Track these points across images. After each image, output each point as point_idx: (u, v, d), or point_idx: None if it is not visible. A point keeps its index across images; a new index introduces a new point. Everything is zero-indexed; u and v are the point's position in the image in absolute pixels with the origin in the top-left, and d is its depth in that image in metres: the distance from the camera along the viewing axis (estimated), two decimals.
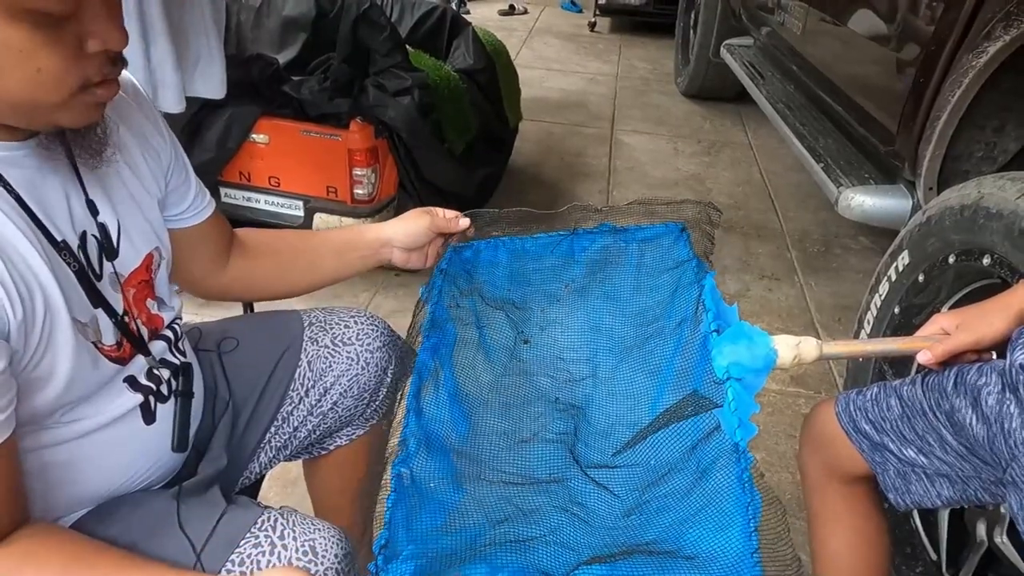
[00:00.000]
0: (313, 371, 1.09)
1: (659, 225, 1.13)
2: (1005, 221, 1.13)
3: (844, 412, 0.99)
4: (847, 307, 2.45)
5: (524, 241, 1.15)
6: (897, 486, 0.93)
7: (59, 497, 0.81)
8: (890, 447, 0.93)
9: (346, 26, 2.07)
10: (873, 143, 2.03)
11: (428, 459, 0.85)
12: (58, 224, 0.76)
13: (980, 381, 0.84)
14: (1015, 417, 0.78)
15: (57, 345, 0.73)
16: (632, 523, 0.85)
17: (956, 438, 0.87)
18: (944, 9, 1.60)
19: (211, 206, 1.03)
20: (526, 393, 1.05)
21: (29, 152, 0.74)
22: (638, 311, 1.09)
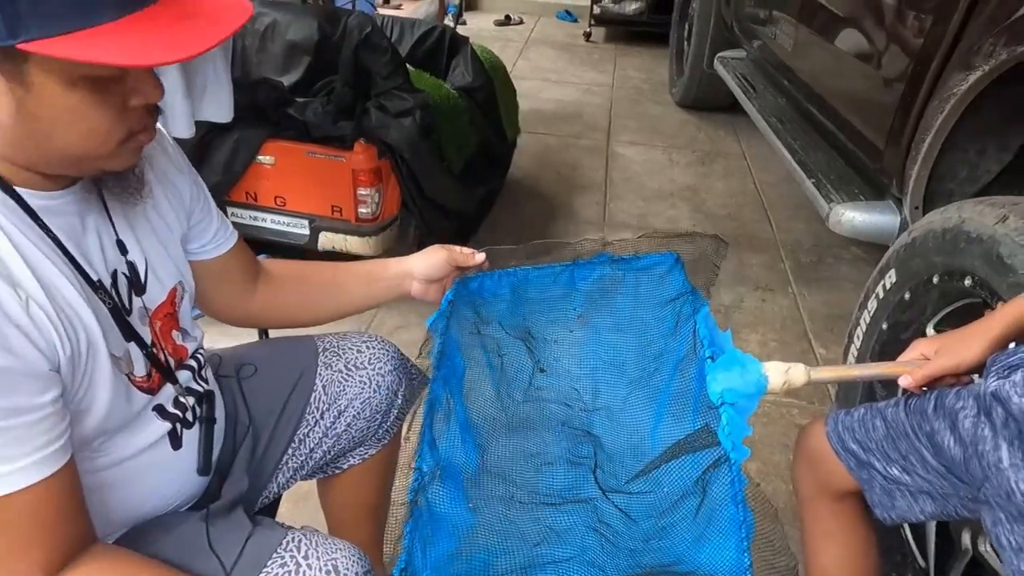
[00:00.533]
0: (328, 395, 1.14)
1: (655, 255, 1.19)
2: (984, 246, 1.19)
3: (833, 432, 1.04)
4: (839, 316, 2.51)
5: (527, 272, 1.21)
6: (883, 502, 0.99)
7: (95, 521, 0.86)
8: (876, 466, 0.98)
9: (348, 50, 2.13)
10: (862, 159, 2.09)
11: (443, 489, 0.90)
12: (94, 265, 0.82)
13: (958, 405, 0.90)
14: (988, 440, 0.83)
15: (97, 379, 0.79)
16: (652, 547, 0.91)
17: (936, 459, 0.93)
18: (928, 33, 1.66)
19: (234, 237, 1.08)
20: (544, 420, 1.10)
21: (68, 200, 0.80)
22: (642, 344, 1.14)
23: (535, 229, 2.96)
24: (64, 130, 0.70)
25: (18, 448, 0.69)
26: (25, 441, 0.69)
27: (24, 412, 0.68)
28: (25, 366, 0.69)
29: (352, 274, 1.18)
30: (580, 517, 0.97)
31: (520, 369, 1.15)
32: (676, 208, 3.24)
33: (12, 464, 0.68)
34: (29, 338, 0.70)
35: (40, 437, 0.70)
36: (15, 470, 0.69)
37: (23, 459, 0.69)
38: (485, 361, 1.13)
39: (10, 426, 0.68)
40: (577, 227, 3.02)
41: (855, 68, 2.11)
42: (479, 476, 1.05)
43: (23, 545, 0.71)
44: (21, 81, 0.67)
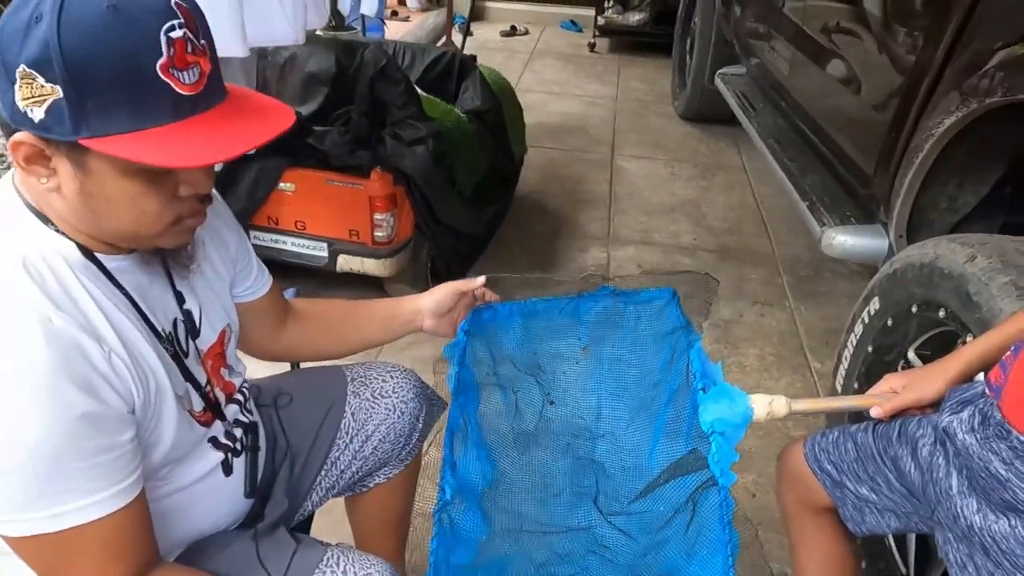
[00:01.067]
0: (356, 421, 1.26)
1: (653, 290, 1.30)
2: (955, 282, 1.30)
3: (810, 453, 1.16)
4: (835, 331, 2.61)
5: (536, 303, 1.32)
6: (854, 517, 1.11)
7: (159, 542, 0.97)
8: (848, 485, 1.10)
9: (364, 82, 2.25)
10: (853, 184, 2.20)
11: (462, 508, 1.02)
12: (158, 316, 0.93)
13: (918, 433, 1.01)
14: (942, 468, 0.95)
15: (164, 416, 0.90)
16: (649, 561, 1.03)
17: (899, 481, 1.04)
18: (911, 70, 1.77)
19: (269, 282, 1.20)
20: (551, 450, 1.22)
21: (135, 261, 0.91)
22: (640, 375, 1.26)
23: (541, 246, 3.08)
24: (119, 212, 0.81)
25: (99, 482, 0.79)
26: (106, 476, 0.79)
27: (107, 451, 0.79)
28: (109, 410, 0.79)
29: (371, 314, 1.30)
30: (581, 543, 1.09)
31: (531, 403, 1.26)
32: (678, 223, 3.35)
33: (93, 496, 0.78)
34: (112, 386, 0.80)
35: (118, 473, 0.81)
36: (95, 502, 0.79)
37: (103, 492, 0.79)
38: (499, 396, 1.24)
39: (96, 463, 0.78)
40: (583, 243, 3.14)
41: (845, 96, 2.22)
42: (494, 497, 1.17)
43: (98, 570, 0.81)
44: (83, 168, 0.77)
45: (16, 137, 0.75)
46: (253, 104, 0.85)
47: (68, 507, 0.77)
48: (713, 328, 2.63)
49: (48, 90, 0.72)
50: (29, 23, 0.71)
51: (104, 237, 0.85)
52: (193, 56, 0.76)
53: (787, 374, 2.44)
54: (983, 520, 0.88)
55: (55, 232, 0.82)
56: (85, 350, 0.78)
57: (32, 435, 0.73)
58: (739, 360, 2.50)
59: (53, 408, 0.73)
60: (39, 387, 0.73)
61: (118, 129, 0.74)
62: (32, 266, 0.79)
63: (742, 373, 2.44)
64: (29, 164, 0.77)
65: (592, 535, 1.10)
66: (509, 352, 1.28)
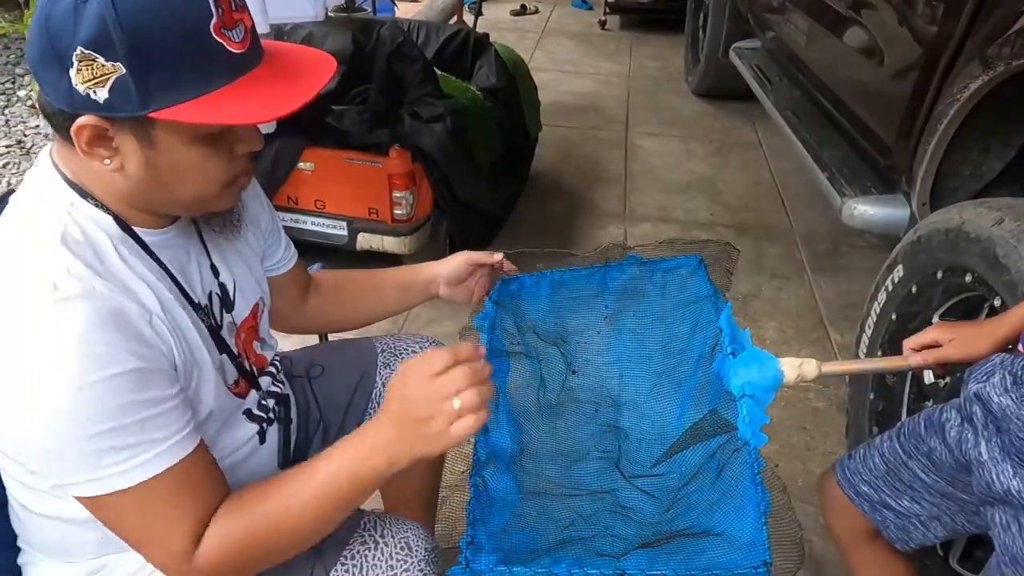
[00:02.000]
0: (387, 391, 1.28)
1: (679, 258, 1.30)
2: (982, 245, 1.30)
3: (843, 479, 1.17)
4: (854, 304, 2.61)
5: (563, 273, 1.33)
6: (900, 537, 1.12)
7: None
8: (888, 502, 1.10)
9: (381, 60, 2.25)
10: (873, 155, 2.18)
11: (495, 471, 1.04)
12: (195, 289, 0.94)
13: (943, 418, 1.01)
14: (970, 440, 0.95)
15: (203, 385, 0.91)
16: (671, 516, 1.04)
17: (937, 478, 1.04)
18: (935, 36, 1.75)
19: (295, 257, 1.22)
20: (576, 416, 1.23)
21: (173, 235, 0.92)
22: (665, 342, 1.27)
23: (558, 224, 3.08)
24: (184, 179, 0.83)
25: (159, 432, 0.80)
26: (164, 427, 0.80)
27: (160, 403, 0.80)
28: (155, 365, 0.81)
29: (388, 282, 1.31)
30: (604, 505, 1.10)
31: (554, 373, 1.27)
32: (694, 200, 3.34)
33: (157, 448, 0.79)
34: (155, 347, 0.82)
35: (175, 423, 0.82)
36: (159, 453, 0.80)
37: (165, 442, 0.80)
38: (525, 365, 1.26)
39: (152, 415, 0.79)
40: (600, 221, 3.14)
41: (864, 66, 2.20)
42: (521, 461, 1.18)
43: (177, 515, 0.82)
44: (150, 142, 0.78)
45: (79, 122, 0.75)
46: (292, 55, 0.86)
47: (139, 459, 0.78)
48: (732, 301, 2.61)
49: (110, 68, 0.72)
50: (76, 5, 0.71)
51: (159, 209, 0.87)
52: (237, 13, 0.78)
53: (807, 347, 2.44)
54: (1021, 483, 0.88)
55: (94, 206, 0.83)
56: (127, 314, 0.79)
57: (89, 396, 0.74)
58: (758, 334, 2.50)
59: (105, 368, 0.75)
60: (89, 350, 0.75)
61: (184, 96, 0.75)
62: (71, 239, 0.80)
63: (762, 347, 2.43)
64: (92, 147, 0.77)
65: (615, 497, 1.12)
66: (535, 322, 1.29)
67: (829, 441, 2.05)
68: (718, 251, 1.31)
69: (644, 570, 0.85)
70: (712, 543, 0.93)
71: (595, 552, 0.99)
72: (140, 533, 0.83)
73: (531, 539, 1.05)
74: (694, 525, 0.98)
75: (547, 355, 1.28)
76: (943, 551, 1.47)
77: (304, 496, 0.85)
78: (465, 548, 0.91)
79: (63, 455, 0.76)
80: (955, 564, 1.42)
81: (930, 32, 1.76)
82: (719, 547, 0.92)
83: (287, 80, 0.82)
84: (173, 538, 0.82)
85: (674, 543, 0.96)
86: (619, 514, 1.07)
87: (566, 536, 1.05)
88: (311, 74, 0.84)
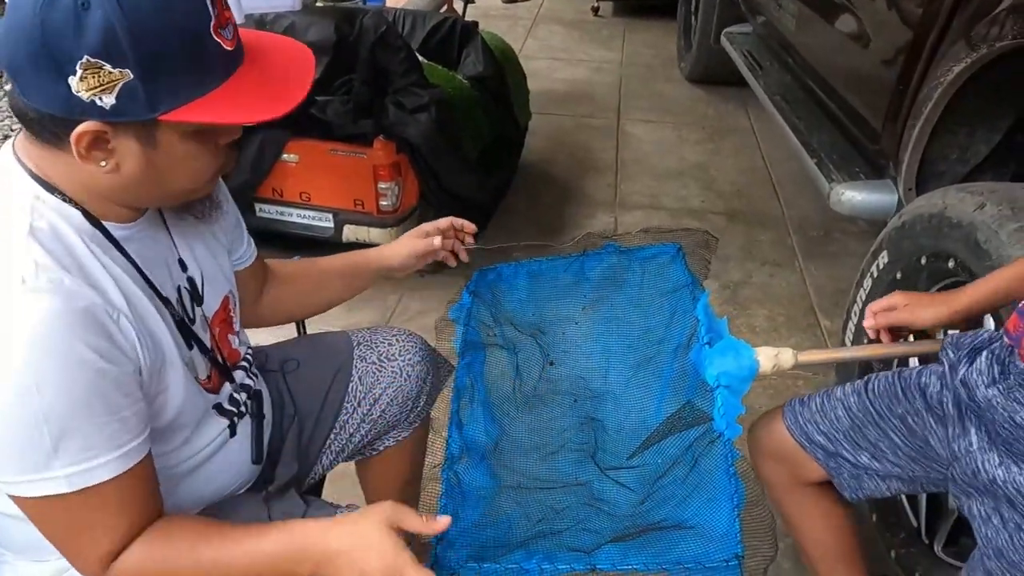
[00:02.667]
0: (364, 384, 1.27)
1: (657, 246, 1.29)
2: (964, 231, 1.28)
3: (795, 425, 1.13)
4: (845, 290, 2.56)
5: (540, 263, 1.32)
6: (851, 485, 1.10)
7: (172, 507, 0.98)
8: (844, 455, 1.08)
9: (365, 50, 2.23)
10: (862, 140, 2.17)
11: (469, 464, 1.03)
12: (163, 283, 0.93)
13: (922, 382, 1.00)
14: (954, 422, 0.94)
15: (171, 382, 0.90)
16: (645, 508, 1.03)
17: (909, 441, 1.03)
18: (920, 20, 1.73)
19: (255, 254, 1.21)
20: (553, 408, 1.23)
21: (140, 228, 0.91)
22: (643, 331, 1.25)
23: (548, 213, 3.06)
24: (179, 175, 0.84)
25: (112, 441, 0.79)
26: (117, 436, 0.80)
27: (118, 410, 0.80)
28: (118, 371, 0.80)
29: (332, 270, 1.30)
30: (577, 497, 1.10)
31: (531, 364, 1.26)
32: (687, 187, 3.32)
33: (106, 456, 0.79)
34: (120, 347, 0.81)
35: (128, 432, 0.81)
36: (107, 461, 0.79)
37: (115, 451, 0.80)
38: (503, 357, 1.25)
39: (107, 422, 0.78)
40: (590, 210, 3.12)
41: (853, 51, 2.18)
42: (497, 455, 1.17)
43: (107, 526, 0.82)
44: (152, 142, 0.79)
45: (82, 128, 0.75)
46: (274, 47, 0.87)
47: (81, 467, 0.78)
48: (723, 290, 2.62)
49: (117, 75, 0.72)
50: (76, 12, 0.70)
51: (147, 202, 0.88)
52: (227, 12, 0.80)
53: (797, 334, 2.43)
54: (1007, 473, 0.87)
55: (61, 200, 0.82)
56: (94, 312, 0.79)
57: (47, 393, 0.74)
58: (749, 321, 2.49)
59: (66, 367, 0.74)
60: (52, 347, 0.74)
61: (188, 98, 0.76)
62: (41, 232, 0.80)
63: (752, 334, 2.43)
64: (90, 151, 0.77)
65: (589, 489, 1.11)
66: (512, 313, 1.28)
67: None
68: (698, 239, 1.29)
69: (615, 564, 0.84)
70: (685, 536, 0.93)
71: (567, 547, 0.98)
72: (64, 537, 0.83)
73: (504, 534, 1.05)
74: (667, 518, 0.97)
75: (524, 346, 1.27)
76: (928, 538, 1.47)
77: (228, 561, 0.87)
78: (436, 544, 0.90)
79: (10, 452, 0.75)
80: (939, 551, 1.41)
81: (916, 14, 1.74)
82: (692, 540, 0.91)
83: (274, 73, 0.83)
84: (96, 548, 0.82)
85: (646, 536, 0.95)
86: (592, 507, 1.06)
87: (539, 530, 1.04)
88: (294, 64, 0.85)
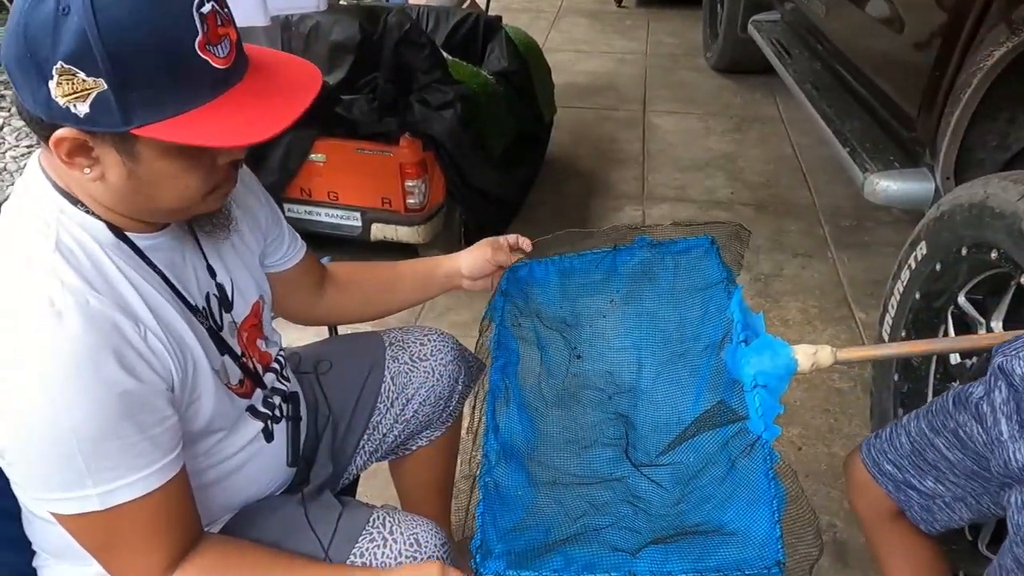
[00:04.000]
0: (396, 385, 1.27)
1: (691, 239, 1.27)
2: (1007, 221, 1.24)
3: (868, 457, 1.13)
4: (880, 281, 2.54)
5: (572, 259, 1.30)
6: (924, 518, 1.08)
7: (208, 510, 0.99)
8: (912, 482, 1.07)
9: (389, 48, 2.23)
10: (896, 127, 2.12)
11: (507, 468, 1.02)
12: (191, 292, 0.93)
13: (970, 392, 0.97)
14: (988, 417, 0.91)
15: (203, 391, 0.91)
16: (681, 510, 1.02)
17: (963, 455, 1.00)
18: (955, 6, 1.68)
19: (302, 250, 1.20)
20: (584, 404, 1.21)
21: (167, 238, 0.91)
22: (677, 327, 1.24)
23: (575, 207, 3.04)
24: (164, 190, 0.81)
25: (144, 459, 0.80)
26: (149, 453, 0.80)
27: (149, 428, 0.80)
28: (148, 388, 0.80)
29: (407, 275, 1.30)
30: (615, 493, 1.08)
31: (561, 361, 1.25)
32: (713, 178, 3.28)
33: (139, 473, 0.80)
34: (150, 364, 0.81)
35: (160, 449, 0.82)
36: (141, 478, 0.80)
37: (148, 468, 0.80)
38: (536, 355, 1.24)
39: (139, 440, 0.79)
40: (616, 203, 3.09)
41: (886, 37, 2.12)
42: (533, 454, 1.17)
43: (145, 546, 0.83)
44: (130, 155, 0.76)
45: (59, 134, 0.74)
46: (278, 65, 0.84)
47: (115, 484, 0.78)
48: (754, 282, 2.58)
49: (91, 84, 0.70)
50: (57, 16, 0.69)
51: (143, 216, 0.86)
52: (223, 28, 0.76)
53: (831, 326, 2.39)
54: None
55: (85, 213, 0.82)
56: (122, 330, 0.79)
57: (76, 415, 0.74)
58: (781, 314, 2.45)
59: (95, 388, 0.75)
60: (80, 368, 0.74)
61: (165, 114, 0.73)
62: (66, 247, 0.80)
63: (784, 327, 2.39)
64: (72, 158, 0.76)
65: (626, 485, 1.09)
66: (545, 310, 1.27)
67: (853, 423, 2.01)
68: (730, 232, 1.27)
69: (654, 572, 0.83)
70: (725, 542, 0.91)
71: (608, 546, 0.97)
72: (103, 553, 0.84)
73: (544, 534, 1.04)
74: (706, 521, 0.96)
75: (555, 343, 1.26)
76: (972, 535, 1.43)
77: None
78: (475, 552, 0.90)
79: (43, 471, 0.76)
80: (984, 548, 1.38)
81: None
82: (732, 546, 0.90)
83: (270, 96, 0.79)
84: (133, 565, 0.84)
85: (686, 540, 0.93)
86: (631, 504, 1.05)
87: (579, 527, 1.04)
88: (296, 88, 0.81)
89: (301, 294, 1.22)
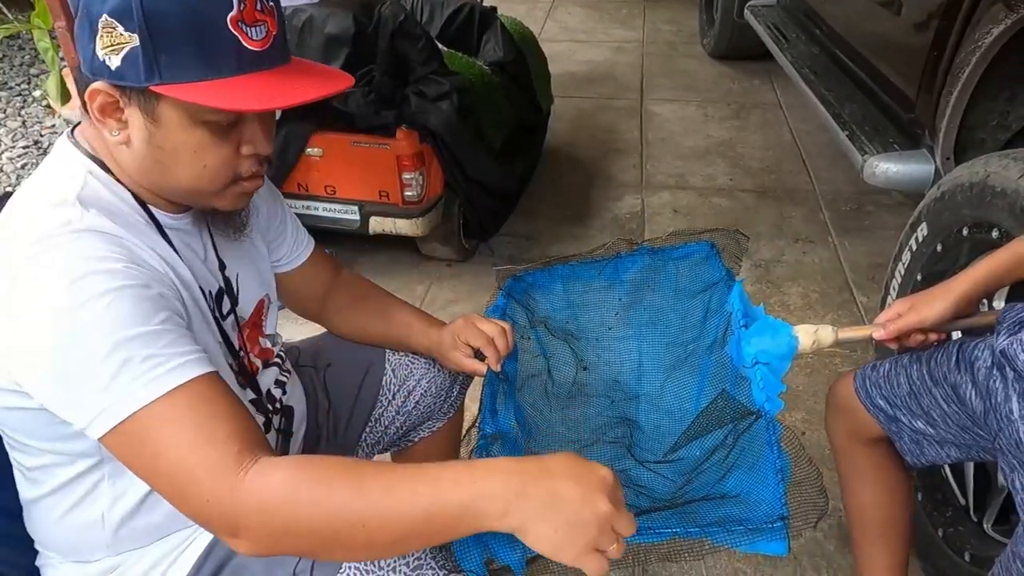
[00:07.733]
0: (397, 377, 1.26)
1: (692, 244, 1.26)
2: (1008, 199, 1.24)
3: (861, 387, 1.13)
4: (881, 264, 2.53)
5: (574, 267, 1.29)
6: (912, 450, 1.08)
7: None
8: (902, 420, 1.07)
9: (384, 40, 2.21)
10: (895, 109, 2.11)
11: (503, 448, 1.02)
12: (202, 278, 0.94)
13: (975, 354, 0.97)
14: (1000, 392, 0.91)
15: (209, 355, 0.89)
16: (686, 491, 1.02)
17: (959, 411, 1.00)
18: None
19: (307, 250, 1.19)
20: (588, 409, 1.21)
21: (187, 222, 0.92)
22: (680, 330, 1.24)
23: (574, 197, 3.03)
24: (182, 164, 0.83)
25: (175, 348, 0.76)
26: (178, 343, 0.77)
27: (177, 321, 0.79)
28: (170, 301, 0.81)
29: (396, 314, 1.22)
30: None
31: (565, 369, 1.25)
32: (713, 165, 3.27)
33: (177, 360, 0.75)
34: (171, 292, 0.83)
35: (188, 344, 0.78)
36: (182, 364, 0.75)
37: (183, 356, 0.76)
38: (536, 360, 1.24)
39: (165, 329, 0.76)
40: (616, 192, 3.08)
41: (884, 17, 2.11)
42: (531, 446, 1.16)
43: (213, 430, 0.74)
44: (153, 117, 0.79)
45: (94, 86, 0.78)
46: (315, 69, 0.88)
47: (157, 372, 0.74)
48: (754, 268, 2.58)
49: (126, 38, 0.76)
50: None
51: (165, 192, 0.87)
52: (262, 15, 0.80)
53: (833, 311, 2.38)
54: None
55: (115, 180, 0.85)
56: (148, 261, 0.82)
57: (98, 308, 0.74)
58: (782, 300, 2.45)
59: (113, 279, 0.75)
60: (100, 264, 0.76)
61: (187, 78, 0.77)
62: (88, 198, 0.82)
63: (786, 312, 2.39)
64: (103, 115, 0.80)
65: (627, 476, 1.09)
66: (546, 316, 1.27)
67: None
68: (727, 239, 1.27)
69: (656, 530, 0.83)
70: (727, 503, 0.91)
71: None
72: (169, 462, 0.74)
73: None
74: (711, 492, 0.96)
75: (558, 351, 1.26)
76: (977, 516, 1.43)
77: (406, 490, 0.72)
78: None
79: (80, 379, 0.73)
80: (989, 529, 1.38)
81: None
82: (734, 506, 0.90)
83: (297, 82, 0.83)
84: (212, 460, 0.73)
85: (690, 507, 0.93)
86: (631, 488, 1.05)
87: None
88: (323, 81, 0.85)
89: (313, 291, 1.22)
